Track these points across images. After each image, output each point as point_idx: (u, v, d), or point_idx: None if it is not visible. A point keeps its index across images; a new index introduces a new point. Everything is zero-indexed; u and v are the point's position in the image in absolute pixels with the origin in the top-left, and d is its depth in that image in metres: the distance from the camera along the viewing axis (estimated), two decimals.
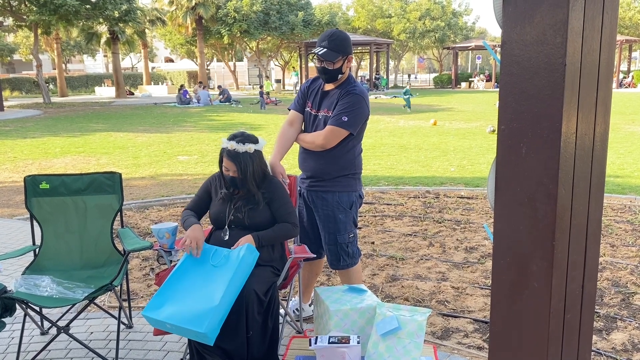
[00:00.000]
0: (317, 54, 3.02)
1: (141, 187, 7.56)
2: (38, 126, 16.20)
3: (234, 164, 2.78)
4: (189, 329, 2.39)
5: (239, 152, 2.78)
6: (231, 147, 2.78)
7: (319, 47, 3.04)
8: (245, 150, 2.79)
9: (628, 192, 6.75)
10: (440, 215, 5.86)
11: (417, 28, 42.58)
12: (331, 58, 3.01)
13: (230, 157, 2.78)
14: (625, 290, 3.80)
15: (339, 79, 3.12)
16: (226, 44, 39.12)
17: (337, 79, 3.11)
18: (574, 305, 1.31)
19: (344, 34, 3.11)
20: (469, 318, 3.45)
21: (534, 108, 1.19)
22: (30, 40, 36.06)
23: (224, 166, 2.83)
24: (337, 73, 3.08)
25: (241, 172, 2.78)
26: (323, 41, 3.05)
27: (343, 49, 3.04)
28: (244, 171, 2.78)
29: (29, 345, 3.16)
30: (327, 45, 3.02)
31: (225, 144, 2.82)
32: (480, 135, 12.95)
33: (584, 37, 1.16)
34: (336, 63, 3.04)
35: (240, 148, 2.79)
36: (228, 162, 2.80)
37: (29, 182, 3.29)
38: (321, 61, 3.04)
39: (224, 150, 2.82)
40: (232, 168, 2.80)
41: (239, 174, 2.79)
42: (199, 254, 2.67)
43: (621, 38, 35.60)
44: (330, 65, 3.03)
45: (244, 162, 2.78)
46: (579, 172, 1.23)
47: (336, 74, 3.08)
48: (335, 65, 3.04)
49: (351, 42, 3.15)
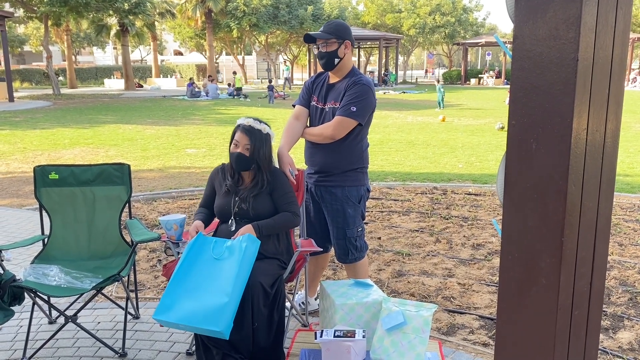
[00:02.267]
0: (311, 35, 3.10)
1: (149, 179, 7.59)
2: (47, 117, 16.29)
3: (247, 137, 2.83)
4: (205, 328, 2.40)
5: (254, 127, 2.85)
6: (247, 123, 2.86)
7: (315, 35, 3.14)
8: (260, 129, 2.85)
9: (637, 191, 6.70)
10: (447, 211, 5.85)
11: (427, 23, 42.36)
12: (324, 37, 3.07)
13: (246, 131, 2.85)
14: (632, 290, 3.78)
15: (337, 65, 3.12)
16: (235, 37, 39.10)
17: (335, 63, 3.11)
18: (581, 302, 1.30)
19: (342, 22, 3.18)
20: (475, 314, 3.44)
21: (545, 103, 1.18)
22: (41, 32, 36.20)
23: (234, 141, 2.87)
24: (333, 56, 3.09)
25: (253, 148, 2.83)
26: (322, 28, 3.14)
27: (337, 32, 3.09)
28: (257, 148, 2.83)
29: (37, 333, 3.19)
30: (322, 29, 3.13)
31: (242, 120, 2.90)
32: (489, 132, 12.89)
33: (597, 33, 1.15)
34: (330, 45, 3.07)
35: (256, 125, 2.87)
36: (241, 136, 2.84)
37: (39, 173, 3.31)
38: (317, 47, 3.11)
39: (240, 126, 2.88)
40: (243, 142, 2.83)
41: (250, 150, 2.82)
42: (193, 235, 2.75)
43: (633, 36, 35.25)
44: (324, 47, 3.07)
45: (258, 139, 2.85)
46: (590, 169, 1.22)
47: (332, 58, 3.09)
48: (330, 48, 3.08)
49: (350, 31, 3.19)
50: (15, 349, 3.03)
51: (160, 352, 2.99)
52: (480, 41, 39.67)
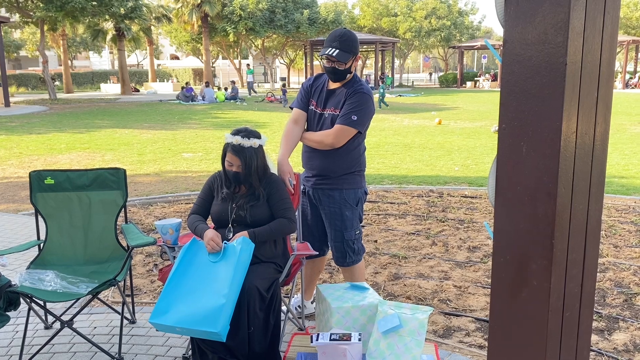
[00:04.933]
0: (329, 54, 3.01)
1: (145, 184, 7.59)
2: (44, 122, 16.27)
3: (238, 159, 2.79)
4: (202, 330, 2.40)
5: (244, 146, 2.80)
6: (236, 142, 2.80)
7: (330, 47, 3.02)
8: (250, 145, 2.81)
9: (633, 193, 6.73)
10: (443, 214, 5.87)
11: (423, 27, 42.48)
12: (343, 59, 3.02)
13: (235, 151, 2.79)
14: (627, 291, 3.80)
15: (346, 78, 3.13)
16: (232, 41, 39.12)
17: (345, 78, 3.12)
18: (573, 303, 1.31)
19: (353, 34, 3.12)
20: (471, 317, 3.45)
21: (535, 107, 1.20)
22: (37, 37, 36.18)
23: (227, 161, 2.84)
24: (346, 73, 3.10)
25: (246, 166, 2.79)
26: (333, 42, 3.03)
27: (353, 49, 3.06)
28: (249, 165, 2.80)
29: (33, 339, 3.19)
30: (338, 46, 3.02)
31: (230, 139, 2.82)
32: (485, 134, 12.93)
33: (585, 37, 1.17)
34: (347, 63, 3.06)
35: (245, 143, 2.80)
36: (232, 157, 2.81)
37: (34, 178, 3.32)
38: (331, 61, 3.04)
39: (229, 145, 2.82)
40: (236, 163, 2.81)
41: (243, 169, 2.80)
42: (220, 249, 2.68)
43: (628, 39, 35.42)
44: (342, 65, 3.05)
45: (249, 157, 2.80)
46: (579, 171, 1.23)
47: (345, 74, 3.10)
48: (346, 66, 3.06)
49: (358, 41, 3.16)
50: (11, 354, 3.02)
51: (156, 356, 2.99)
52: (476, 44, 39.82)
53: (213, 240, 2.69)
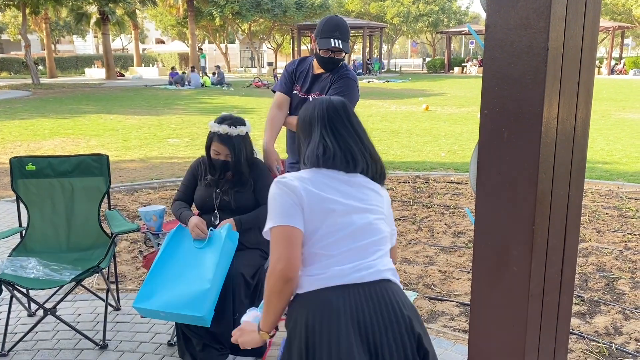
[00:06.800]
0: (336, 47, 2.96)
1: (131, 170, 7.52)
2: (27, 107, 16.02)
3: (226, 148, 2.75)
4: (186, 314, 2.39)
5: (231, 135, 2.75)
6: (223, 131, 2.74)
7: (332, 38, 2.97)
8: (238, 134, 2.77)
9: (616, 178, 6.81)
10: (429, 200, 5.89)
11: (411, 12, 42.34)
12: (346, 50, 3.02)
13: (223, 140, 2.75)
14: (609, 275, 3.85)
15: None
16: (218, 25, 38.69)
17: (339, 65, 3.11)
18: (552, 288, 1.32)
19: (346, 22, 3.09)
20: (455, 301, 3.48)
21: (516, 92, 1.19)
22: (19, 20, 35.43)
23: (213, 150, 2.79)
24: (341, 60, 3.10)
25: (234, 155, 2.76)
26: (334, 32, 2.97)
27: (349, 37, 3.06)
28: (238, 154, 2.76)
29: (16, 326, 3.16)
30: (339, 36, 2.98)
31: (216, 127, 2.77)
32: (472, 120, 12.97)
33: (567, 22, 1.16)
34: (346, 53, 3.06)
35: (232, 131, 2.75)
36: (220, 146, 2.76)
37: (15, 164, 3.27)
38: (330, 51, 3.01)
39: (215, 135, 2.77)
40: (224, 152, 2.76)
41: (232, 158, 2.77)
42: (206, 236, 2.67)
43: (614, 24, 35.56)
44: (341, 55, 3.03)
45: (237, 146, 2.76)
46: (560, 157, 1.24)
47: (340, 61, 3.09)
48: (344, 55, 3.07)
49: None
50: None
51: (141, 343, 2.98)
52: (464, 30, 39.74)
53: (198, 226, 2.67)
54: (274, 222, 1.64)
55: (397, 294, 1.64)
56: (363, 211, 1.70)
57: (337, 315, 1.54)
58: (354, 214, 1.69)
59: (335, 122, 1.78)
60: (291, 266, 1.59)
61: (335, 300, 1.56)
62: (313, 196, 1.66)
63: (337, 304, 1.55)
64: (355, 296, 1.58)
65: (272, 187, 1.71)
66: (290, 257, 1.59)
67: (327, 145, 1.74)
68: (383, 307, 1.58)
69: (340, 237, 1.65)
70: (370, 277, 1.62)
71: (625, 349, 2.92)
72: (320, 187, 1.69)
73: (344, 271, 1.61)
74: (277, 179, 1.73)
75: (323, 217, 1.65)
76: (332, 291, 1.58)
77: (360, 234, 1.67)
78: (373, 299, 1.58)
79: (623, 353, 2.88)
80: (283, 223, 1.63)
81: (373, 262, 1.65)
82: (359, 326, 1.55)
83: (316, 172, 1.73)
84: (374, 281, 1.62)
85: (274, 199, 1.68)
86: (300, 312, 1.60)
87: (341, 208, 1.67)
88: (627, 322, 3.20)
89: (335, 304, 1.55)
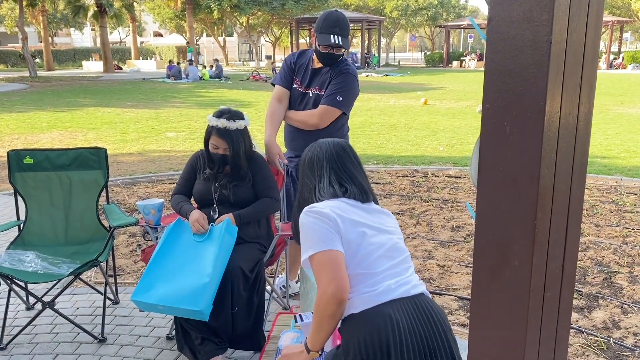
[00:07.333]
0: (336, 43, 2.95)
1: (129, 163, 7.50)
2: (24, 100, 15.95)
3: (225, 142, 2.74)
4: (184, 308, 2.38)
5: (230, 129, 2.74)
6: (222, 125, 2.74)
7: (331, 34, 2.95)
8: (237, 127, 2.76)
9: (614, 173, 6.81)
10: (428, 194, 5.89)
11: (410, 5, 42.22)
12: (346, 45, 3.01)
13: (222, 134, 2.74)
14: (607, 270, 3.86)
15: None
16: (216, 18, 38.52)
17: (338, 60, 3.09)
18: (553, 284, 1.32)
19: (346, 17, 3.07)
20: (454, 296, 3.49)
21: (519, 86, 1.18)
22: (16, 13, 35.22)
23: (212, 144, 2.78)
24: (341, 55, 3.08)
25: (233, 149, 2.75)
26: (334, 28, 2.96)
27: (349, 31, 3.04)
28: (237, 148, 2.75)
29: (14, 320, 3.16)
30: (339, 32, 2.97)
31: (215, 121, 2.76)
32: (470, 114, 12.95)
33: (571, 15, 1.15)
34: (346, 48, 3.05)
35: (231, 125, 2.75)
36: (219, 140, 2.75)
37: (13, 157, 3.25)
38: (330, 47, 2.99)
39: (214, 129, 2.76)
40: (222, 146, 2.76)
41: (230, 152, 2.76)
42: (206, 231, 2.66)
43: (612, 19, 35.52)
44: (340, 51, 3.02)
45: (236, 139, 2.75)
46: (562, 152, 1.23)
47: (339, 57, 3.07)
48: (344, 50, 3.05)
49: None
50: None
51: (140, 336, 2.98)
52: (462, 23, 39.68)
53: (198, 221, 2.66)
54: (314, 249, 1.73)
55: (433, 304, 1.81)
56: (386, 233, 1.85)
57: (398, 327, 1.67)
58: (381, 235, 1.83)
59: (344, 160, 1.98)
60: (342, 287, 1.67)
61: (392, 313, 1.69)
62: (345, 221, 1.78)
63: (396, 316, 1.68)
64: (406, 308, 1.72)
65: (304, 217, 1.80)
66: (341, 279, 1.68)
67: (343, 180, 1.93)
68: (428, 314, 1.74)
69: (378, 256, 1.77)
70: (411, 291, 1.77)
71: (624, 343, 2.92)
72: (347, 213, 1.82)
73: (391, 286, 1.73)
74: (307, 209, 1.82)
75: (359, 239, 1.77)
76: (388, 305, 1.70)
77: (392, 253, 1.81)
78: (418, 308, 1.74)
79: (621, 347, 2.89)
80: (325, 248, 1.72)
81: (409, 278, 1.80)
82: (414, 334, 1.69)
83: (339, 200, 1.87)
84: (415, 294, 1.77)
85: (310, 228, 1.76)
86: (360, 330, 1.69)
87: (370, 231, 1.81)
88: (625, 317, 3.20)
89: (394, 317, 1.68)
